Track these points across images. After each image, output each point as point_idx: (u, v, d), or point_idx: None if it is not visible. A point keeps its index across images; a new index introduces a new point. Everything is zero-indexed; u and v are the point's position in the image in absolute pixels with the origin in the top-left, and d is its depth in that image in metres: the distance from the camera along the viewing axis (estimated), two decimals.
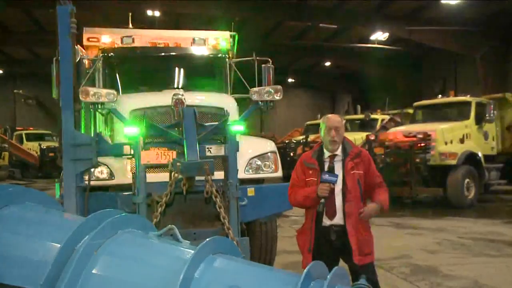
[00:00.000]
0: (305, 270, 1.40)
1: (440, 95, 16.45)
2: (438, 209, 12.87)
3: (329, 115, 4.21)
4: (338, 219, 3.99)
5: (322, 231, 4.01)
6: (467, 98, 14.45)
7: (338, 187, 3.97)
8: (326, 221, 4.01)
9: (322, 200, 3.88)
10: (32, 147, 26.76)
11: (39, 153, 26.12)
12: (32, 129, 29.81)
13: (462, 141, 13.32)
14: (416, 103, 15.75)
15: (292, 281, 1.40)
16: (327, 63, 34.17)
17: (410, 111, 16.65)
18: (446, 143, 13.03)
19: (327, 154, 4.12)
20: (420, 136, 12.88)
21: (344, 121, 4.34)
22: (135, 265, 1.54)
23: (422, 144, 12.75)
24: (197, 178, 4.80)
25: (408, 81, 30.34)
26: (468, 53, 23.97)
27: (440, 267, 6.91)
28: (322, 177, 3.90)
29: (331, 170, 3.99)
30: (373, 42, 26.61)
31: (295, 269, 6.26)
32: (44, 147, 26.25)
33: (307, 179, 4.09)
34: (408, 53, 28.92)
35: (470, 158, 13.06)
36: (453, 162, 12.68)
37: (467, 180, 12.86)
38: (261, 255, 6.14)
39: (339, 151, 4.10)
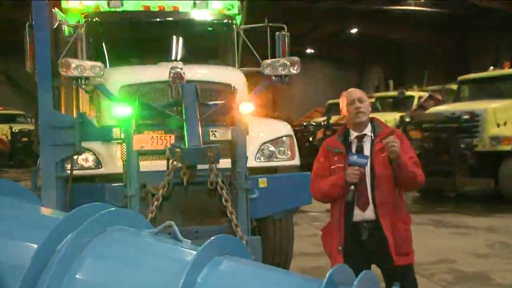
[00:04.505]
0: (327, 275, 1.40)
1: (491, 67, 16.25)
2: (488, 205, 12.81)
3: (349, 89, 4.27)
4: (370, 212, 3.99)
5: (352, 228, 4.01)
6: None
7: (367, 173, 3.98)
8: (358, 214, 4.01)
9: (352, 187, 3.88)
10: (1, 130, 26.85)
11: (9, 137, 26.20)
12: (1, 109, 29.86)
13: None
14: (461, 77, 15.58)
15: None
16: (353, 30, 33.91)
17: (454, 87, 16.50)
18: (498, 125, 12.89)
19: (354, 134, 4.13)
20: (466, 117, 12.76)
21: (372, 99, 4.32)
22: (127, 268, 1.55)
23: (469, 127, 12.66)
24: (199, 166, 4.82)
25: (452, 50, 30.06)
26: None
27: (490, 273, 6.89)
28: (349, 159, 3.90)
29: (360, 151, 3.99)
30: (409, 3, 26.32)
31: (315, 274, 6.29)
32: (16, 131, 26.27)
33: (332, 167, 4.09)
34: (453, 16, 28.56)
35: None
36: (508, 148, 12.54)
37: None
38: (275, 257, 6.18)
39: (368, 131, 4.11)
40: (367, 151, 4.04)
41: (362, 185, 3.97)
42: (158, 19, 7.08)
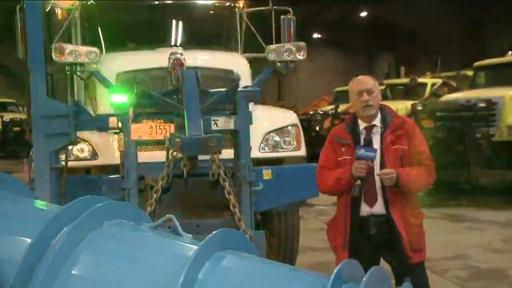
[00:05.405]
0: (334, 271, 1.40)
1: (510, 52, 16.19)
2: (505, 198, 12.78)
3: (358, 77, 4.23)
4: (379, 207, 3.99)
5: (359, 222, 4.02)
6: None
7: (376, 167, 3.96)
8: (365, 209, 4.01)
9: (358, 182, 3.87)
10: None
11: (0, 127, 26.22)
12: None
13: None
14: (477, 63, 15.52)
15: (318, 284, 1.41)
16: (363, 14, 33.80)
17: (469, 73, 16.44)
18: None
19: (362, 125, 4.11)
20: (482, 104, 12.72)
21: (382, 86, 4.32)
22: (125, 264, 1.55)
23: (485, 115, 12.61)
24: (200, 157, 4.82)
25: (467, 35, 29.92)
26: None
27: (507, 270, 6.90)
28: (356, 152, 3.89)
29: (368, 144, 3.98)
30: None
31: (321, 270, 6.31)
32: (7, 120, 26.28)
33: (339, 159, 4.08)
34: None
35: None
36: None
37: None
38: (280, 252, 6.20)
39: (377, 121, 4.08)
40: (376, 143, 4.02)
41: (370, 179, 3.95)
42: (156, 2, 7.07)
